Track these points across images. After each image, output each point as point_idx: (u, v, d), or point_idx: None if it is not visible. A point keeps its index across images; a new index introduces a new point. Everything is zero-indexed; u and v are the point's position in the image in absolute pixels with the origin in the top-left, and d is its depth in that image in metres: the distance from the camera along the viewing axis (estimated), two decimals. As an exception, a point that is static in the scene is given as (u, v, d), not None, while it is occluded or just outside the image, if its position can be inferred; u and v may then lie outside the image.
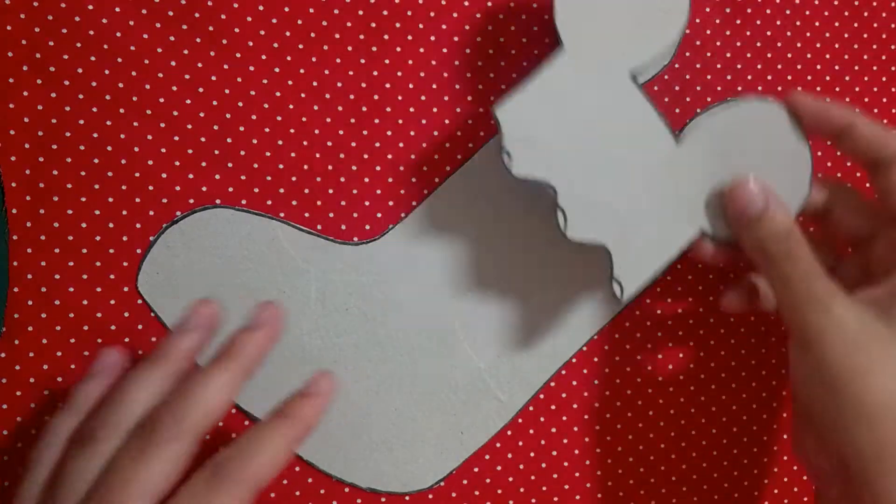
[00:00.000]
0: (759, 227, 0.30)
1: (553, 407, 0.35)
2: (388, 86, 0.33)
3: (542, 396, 0.35)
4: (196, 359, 0.29)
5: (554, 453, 0.35)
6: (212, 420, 0.26)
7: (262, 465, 0.26)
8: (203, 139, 0.32)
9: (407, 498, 0.34)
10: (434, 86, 0.34)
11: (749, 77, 0.36)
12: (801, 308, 0.29)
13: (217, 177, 0.32)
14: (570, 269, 0.34)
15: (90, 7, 0.31)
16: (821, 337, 0.29)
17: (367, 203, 0.33)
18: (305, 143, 0.33)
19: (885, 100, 0.37)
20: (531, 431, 0.35)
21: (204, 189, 0.32)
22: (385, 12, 0.33)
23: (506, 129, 0.30)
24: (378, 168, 0.33)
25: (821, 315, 0.29)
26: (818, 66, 0.37)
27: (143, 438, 0.25)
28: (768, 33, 0.36)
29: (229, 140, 0.32)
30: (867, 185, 0.32)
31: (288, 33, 0.33)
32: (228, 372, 0.27)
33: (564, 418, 0.35)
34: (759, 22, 0.36)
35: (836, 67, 0.37)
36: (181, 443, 0.25)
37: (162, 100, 0.32)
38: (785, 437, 0.37)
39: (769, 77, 0.36)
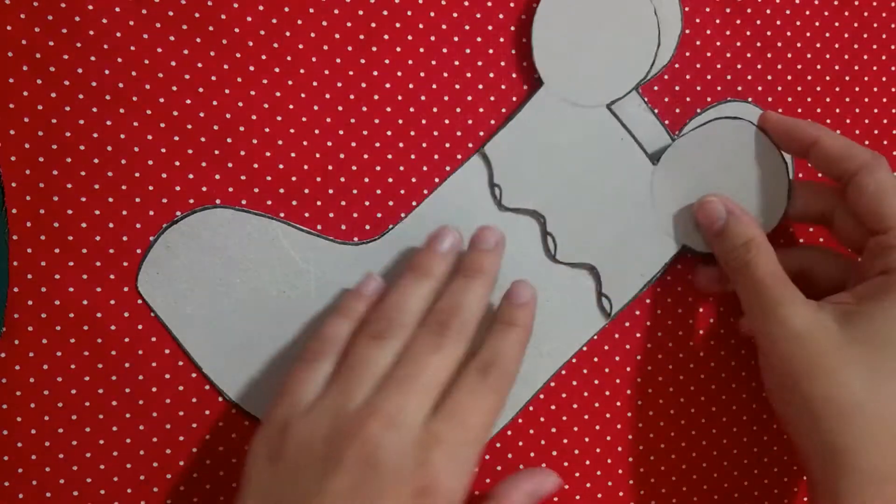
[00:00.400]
0: (720, 240, 0.32)
1: (553, 407, 0.35)
2: (388, 86, 0.33)
3: (542, 396, 0.35)
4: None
5: (554, 453, 0.35)
6: (476, 326, 0.30)
7: (515, 363, 0.30)
8: (203, 139, 0.32)
9: (407, 498, 0.34)
10: (434, 86, 0.34)
11: (749, 77, 0.36)
12: (756, 315, 0.31)
13: (217, 177, 0.32)
14: (569, 268, 0.34)
15: (90, 7, 0.31)
16: (772, 342, 0.30)
17: (367, 203, 0.33)
18: (305, 143, 0.33)
19: (885, 100, 0.37)
20: (531, 431, 0.35)
21: (204, 189, 0.32)
22: (385, 12, 0.33)
23: (495, 165, 0.33)
24: (378, 168, 0.33)
25: (770, 320, 0.30)
26: (818, 67, 0.37)
27: (435, 336, 0.29)
28: (768, 33, 0.36)
29: (229, 140, 0.32)
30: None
31: (288, 33, 0.33)
32: (484, 286, 0.31)
33: (564, 418, 0.35)
34: (758, 22, 0.36)
35: (836, 67, 0.37)
36: (462, 344, 0.29)
37: (162, 100, 0.32)
38: (785, 437, 0.37)
39: (769, 77, 0.36)
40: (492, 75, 0.34)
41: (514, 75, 0.34)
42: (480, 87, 0.34)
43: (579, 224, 0.34)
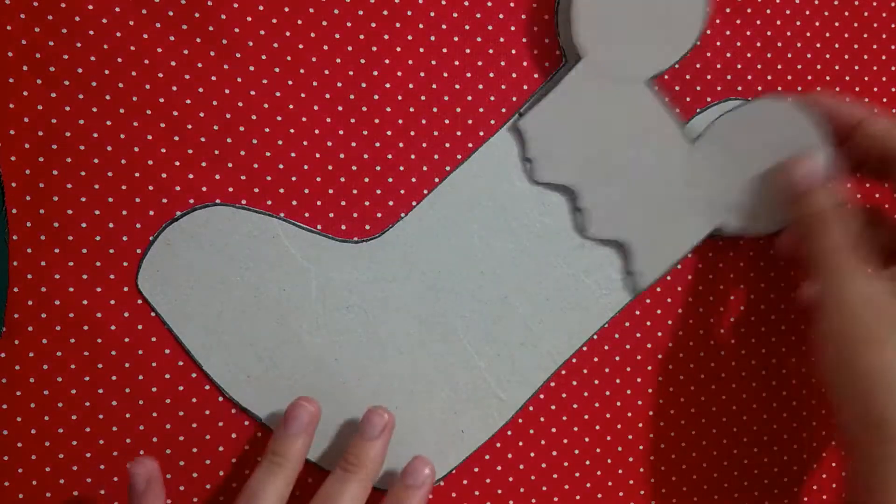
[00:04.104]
0: (798, 204, 0.33)
1: (553, 407, 0.35)
2: (388, 86, 0.33)
3: (542, 396, 0.35)
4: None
5: (554, 453, 0.35)
6: None
7: None
8: (203, 139, 0.32)
9: (407, 498, 0.34)
10: (434, 86, 0.34)
11: (749, 77, 0.36)
12: (819, 282, 0.31)
13: (217, 177, 0.32)
14: (569, 267, 0.34)
15: (90, 7, 0.31)
16: (830, 310, 0.31)
17: (367, 203, 0.33)
18: (305, 143, 0.33)
19: (885, 100, 0.37)
20: (531, 431, 0.35)
21: (204, 189, 0.32)
22: (385, 12, 0.33)
23: (528, 139, 0.33)
24: (378, 168, 0.33)
25: (830, 289, 0.31)
26: (818, 66, 0.37)
27: None
28: (768, 33, 0.36)
29: (229, 140, 0.32)
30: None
31: (288, 33, 0.33)
32: (361, 482, 0.31)
33: (564, 418, 0.35)
34: (759, 22, 0.36)
35: (837, 67, 0.37)
36: None
37: (162, 100, 0.32)
38: (785, 437, 0.37)
39: (769, 77, 0.36)
40: (492, 75, 0.34)
41: (514, 75, 0.34)
42: (480, 86, 0.34)
43: (613, 200, 0.34)
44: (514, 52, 0.34)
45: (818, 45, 0.37)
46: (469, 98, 0.34)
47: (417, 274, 0.34)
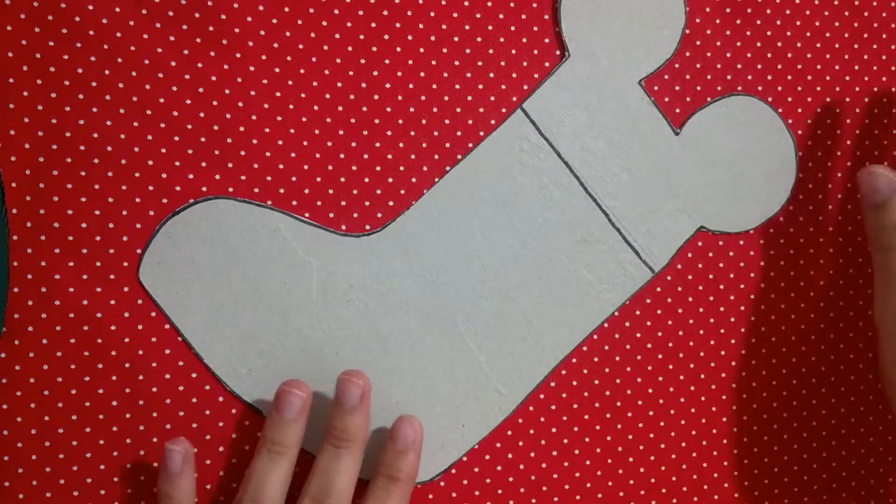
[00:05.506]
0: (876, 214, 0.33)
1: (553, 407, 0.35)
2: (388, 86, 0.34)
3: (542, 396, 0.35)
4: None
5: (554, 453, 0.35)
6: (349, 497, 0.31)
7: None
8: (203, 139, 0.32)
9: (407, 497, 0.34)
10: (434, 86, 0.34)
11: (749, 77, 0.36)
12: (884, 300, 0.32)
13: (217, 177, 0.32)
14: (570, 262, 0.35)
15: (90, 7, 0.31)
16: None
17: (367, 203, 0.33)
18: (305, 143, 0.33)
19: (885, 100, 0.37)
20: (531, 431, 0.35)
21: (204, 189, 0.32)
22: (385, 12, 0.33)
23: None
24: (378, 168, 0.34)
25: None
26: (818, 66, 0.37)
27: None
28: (768, 33, 0.36)
29: (229, 140, 0.32)
30: None
31: (288, 33, 0.33)
32: (353, 455, 0.31)
33: (564, 418, 0.35)
34: (759, 22, 0.36)
35: (837, 67, 0.37)
36: None
37: (162, 100, 0.32)
38: (785, 437, 0.37)
39: (769, 77, 0.36)
40: (492, 75, 0.34)
41: (514, 75, 0.34)
42: (480, 87, 0.34)
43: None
44: (514, 52, 0.34)
45: (818, 46, 0.37)
46: (469, 98, 0.34)
47: (418, 268, 0.34)
